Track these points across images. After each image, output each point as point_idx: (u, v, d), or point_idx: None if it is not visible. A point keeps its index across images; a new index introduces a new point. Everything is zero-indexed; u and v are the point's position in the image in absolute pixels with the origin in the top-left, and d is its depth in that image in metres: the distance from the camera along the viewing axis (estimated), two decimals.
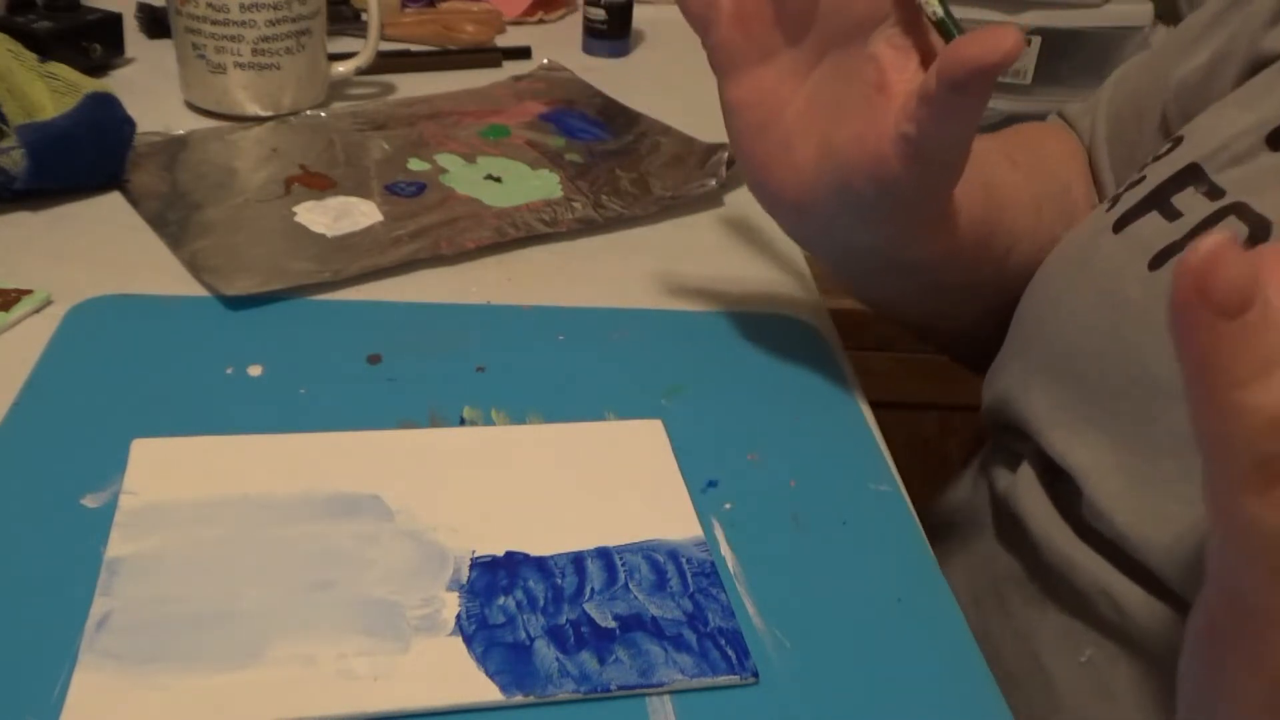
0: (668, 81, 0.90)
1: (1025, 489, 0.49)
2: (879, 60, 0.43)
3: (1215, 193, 0.44)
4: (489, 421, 0.48)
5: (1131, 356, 0.44)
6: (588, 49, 0.93)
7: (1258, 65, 0.50)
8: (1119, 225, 0.47)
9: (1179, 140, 0.49)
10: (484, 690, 0.36)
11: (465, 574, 0.40)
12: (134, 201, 0.62)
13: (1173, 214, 0.45)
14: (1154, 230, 0.45)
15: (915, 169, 0.43)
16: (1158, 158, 0.49)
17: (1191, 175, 0.45)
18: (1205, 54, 0.54)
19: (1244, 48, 0.51)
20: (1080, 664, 0.45)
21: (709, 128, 0.77)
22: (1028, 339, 0.51)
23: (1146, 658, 0.43)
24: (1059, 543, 0.47)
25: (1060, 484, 0.47)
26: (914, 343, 1.28)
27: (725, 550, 0.42)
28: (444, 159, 0.70)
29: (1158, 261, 0.44)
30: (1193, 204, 0.45)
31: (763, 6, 0.46)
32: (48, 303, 0.53)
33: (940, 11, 0.42)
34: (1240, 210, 0.43)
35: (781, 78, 0.47)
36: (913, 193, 0.44)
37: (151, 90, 0.76)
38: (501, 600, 0.39)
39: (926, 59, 0.43)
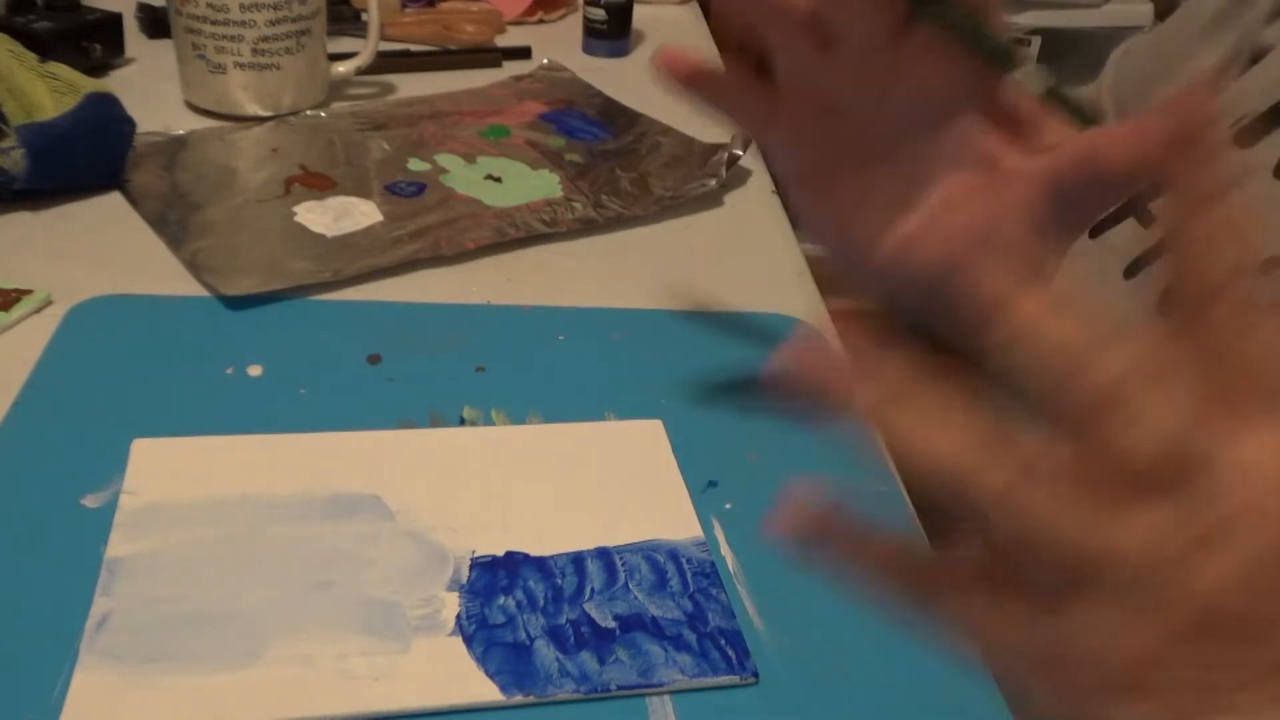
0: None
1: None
2: (975, 148, 0.37)
3: None
4: (489, 421, 0.48)
5: None
6: (588, 49, 0.93)
7: (1255, 62, 0.50)
8: (1095, 231, 0.47)
9: None
10: (484, 690, 0.36)
11: (465, 574, 0.40)
12: (134, 201, 0.62)
13: (1149, 220, 0.45)
14: (1128, 237, 0.45)
15: (1052, 245, 0.38)
16: None
17: None
18: (1216, 56, 0.53)
19: (1247, 48, 0.51)
20: None
21: (709, 128, 0.77)
22: None
23: None
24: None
25: None
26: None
27: (725, 550, 0.42)
28: (444, 159, 0.70)
29: (1132, 270, 0.44)
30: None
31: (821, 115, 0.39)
32: (48, 303, 0.53)
33: (1045, 86, 0.35)
34: None
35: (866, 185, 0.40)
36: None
37: (151, 90, 0.76)
38: (501, 600, 0.39)
39: (1014, 125, 0.38)
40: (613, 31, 0.93)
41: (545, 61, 0.88)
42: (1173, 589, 0.23)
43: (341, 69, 0.78)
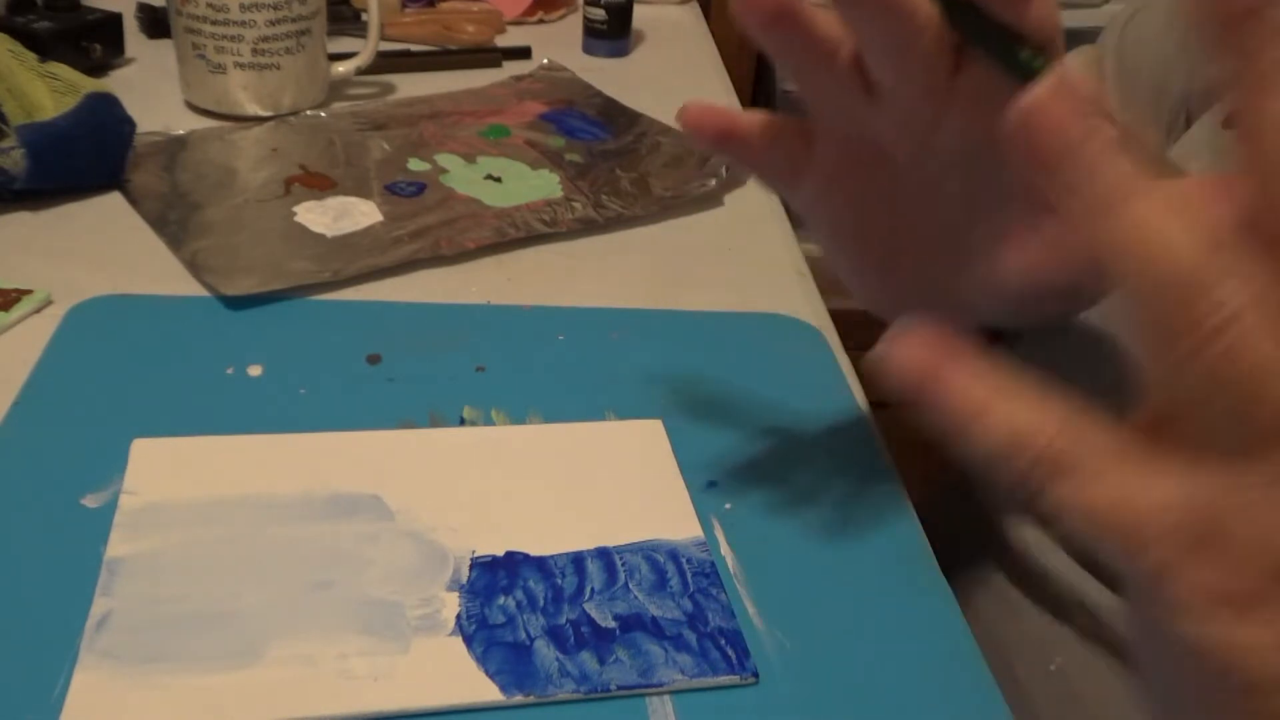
0: (668, 81, 0.90)
1: (1007, 495, 0.49)
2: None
3: None
4: (489, 421, 0.48)
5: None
6: (588, 49, 0.93)
7: None
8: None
9: None
10: (484, 690, 0.36)
11: (465, 574, 0.40)
12: (134, 201, 0.62)
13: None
14: None
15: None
16: None
17: None
18: None
19: None
20: (1050, 671, 0.45)
21: None
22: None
23: (1117, 664, 0.43)
24: (1037, 552, 0.46)
25: None
26: None
27: (725, 550, 0.42)
28: (444, 159, 0.70)
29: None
30: None
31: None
32: (48, 303, 0.53)
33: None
34: None
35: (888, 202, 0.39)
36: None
37: (151, 90, 0.76)
38: (501, 600, 0.39)
39: None
40: (613, 31, 0.93)
41: (545, 61, 0.88)
42: None
43: (341, 69, 0.78)
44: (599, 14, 0.92)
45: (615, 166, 0.71)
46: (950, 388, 0.22)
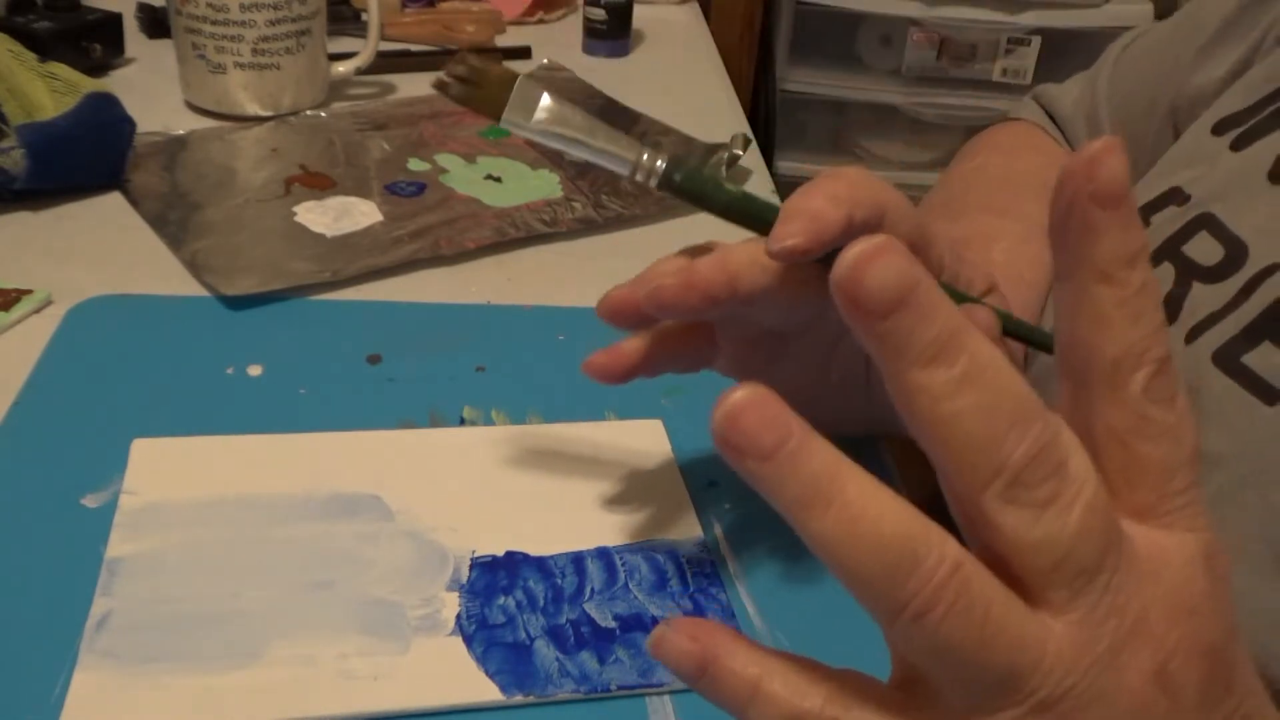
0: (668, 81, 0.90)
1: None
2: None
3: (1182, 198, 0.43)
4: (489, 421, 0.48)
5: None
6: (588, 49, 0.93)
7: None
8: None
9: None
10: (484, 690, 0.36)
11: (465, 574, 0.40)
12: (134, 201, 0.62)
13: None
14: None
15: None
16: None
17: (1173, 197, 0.44)
18: (1224, 67, 0.51)
19: (1264, 58, 0.49)
20: None
21: (709, 128, 0.77)
22: None
23: None
24: None
25: None
26: None
27: (725, 550, 0.42)
28: (444, 159, 0.70)
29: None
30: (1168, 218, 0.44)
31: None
32: (48, 303, 0.53)
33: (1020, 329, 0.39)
34: (1209, 223, 0.42)
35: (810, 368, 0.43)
36: None
37: (151, 90, 0.76)
38: (501, 600, 0.39)
39: None
40: (613, 31, 0.93)
41: (545, 61, 0.88)
42: (1101, 697, 0.21)
43: (341, 69, 0.78)
44: (599, 14, 0.92)
45: None
46: (721, 674, 0.24)
